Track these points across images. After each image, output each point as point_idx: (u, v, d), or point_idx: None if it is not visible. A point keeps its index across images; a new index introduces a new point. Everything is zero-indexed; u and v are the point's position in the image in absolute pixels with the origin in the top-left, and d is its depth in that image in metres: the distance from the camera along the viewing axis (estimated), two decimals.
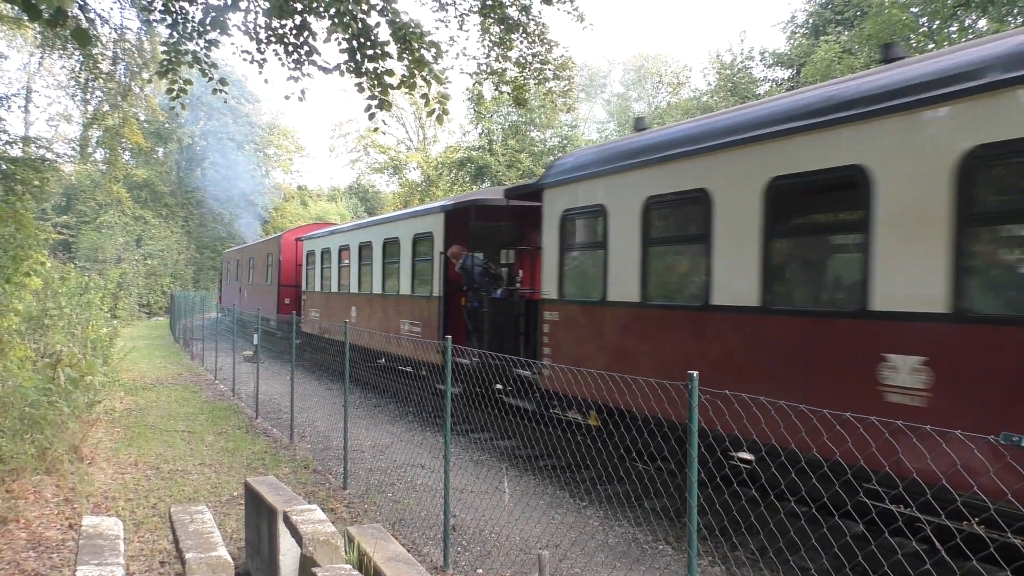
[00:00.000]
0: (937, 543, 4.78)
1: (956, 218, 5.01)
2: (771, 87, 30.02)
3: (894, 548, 5.42)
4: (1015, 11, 16.34)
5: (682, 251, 7.82)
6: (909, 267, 5.32)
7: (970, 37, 17.80)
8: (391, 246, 15.44)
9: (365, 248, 17.06)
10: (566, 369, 8.58)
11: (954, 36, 18.63)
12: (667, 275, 8.08)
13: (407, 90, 8.06)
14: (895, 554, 5.04)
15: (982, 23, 18.27)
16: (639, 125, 9.29)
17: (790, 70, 29.72)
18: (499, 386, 11.45)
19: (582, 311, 8.97)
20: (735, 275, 6.72)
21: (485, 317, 11.81)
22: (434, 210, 13.66)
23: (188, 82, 8.30)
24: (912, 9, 19.75)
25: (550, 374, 9.24)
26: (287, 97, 17.57)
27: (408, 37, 7.61)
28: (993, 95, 4.89)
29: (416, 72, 7.83)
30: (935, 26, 19.20)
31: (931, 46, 18.48)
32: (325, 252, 20.23)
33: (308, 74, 8.05)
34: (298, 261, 23.61)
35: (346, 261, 18.37)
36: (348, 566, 4.68)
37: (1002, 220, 5.17)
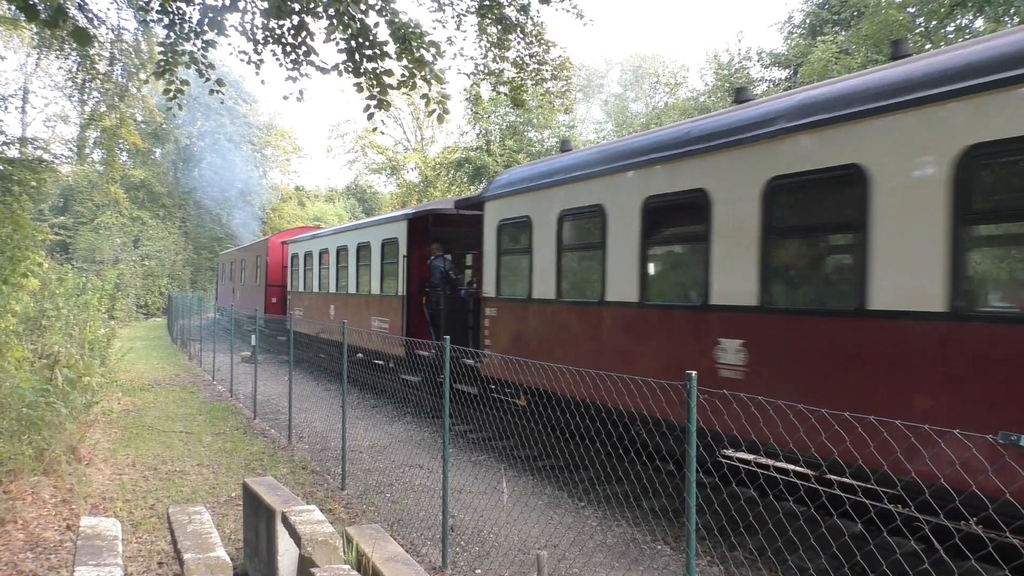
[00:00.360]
0: (936, 543, 4.79)
1: (762, 232, 6.43)
2: (768, 87, 30.05)
3: (892, 548, 5.43)
4: (1011, 11, 16.37)
5: (586, 256, 9.13)
6: (735, 273, 6.70)
7: (967, 37, 17.83)
8: (363, 250, 16.84)
9: (342, 251, 18.50)
10: (499, 357, 10.23)
11: (951, 36, 18.66)
12: (576, 276, 9.36)
13: (407, 90, 8.06)
14: (893, 553, 5.05)
15: (979, 23, 18.30)
16: (564, 147, 10.68)
17: (787, 70, 29.75)
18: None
19: (514, 307, 10.39)
20: (622, 277, 8.19)
21: (440, 313, 13.40)
22: (398, 218, 15.06)
23: (185, 83, 8.28)
24: (909, 9, 19.78)
25: (489, 362, 10.66)
26: (285, 97, 17.66)
27: (407, 37, 7.60)
28: (784, 138, 6.33)
29: (416, 72, 7.82)
30: (931, 26, 19.23)
31: (928, 46, 18.50)
32: (308, 255, 21.66)
33: (306, 74, 8.04)
34: (284, 263, 25.15)
35: (326, 264, 19.84)
36: (347, 566, 4.68)
37: (795, 234, 6.60)
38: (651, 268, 8.01)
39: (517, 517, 7.41)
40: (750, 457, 7.64)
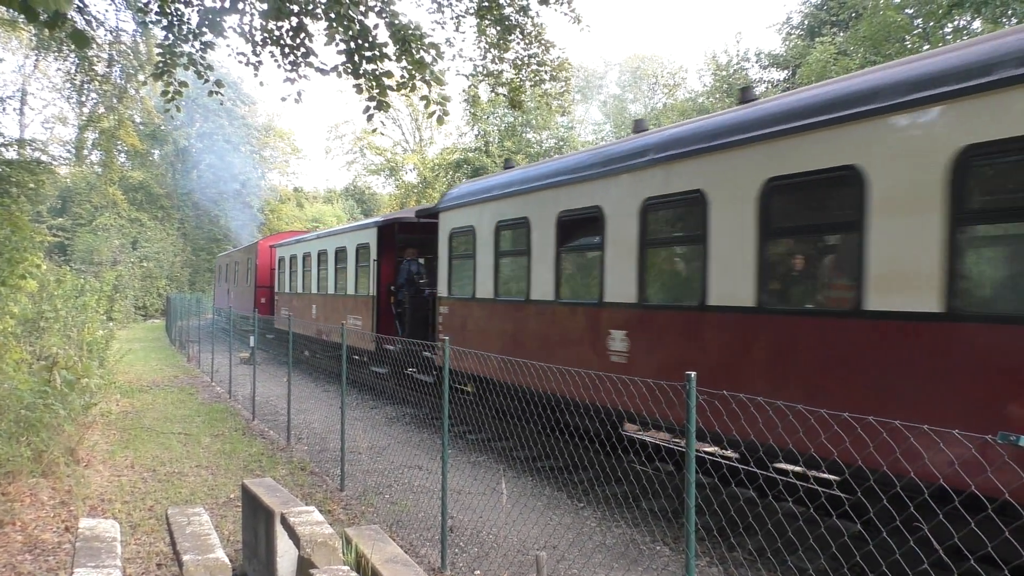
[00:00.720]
0: (935, 543, 4.79)
1: (639, 244, 7.89)
2: (767, 88, 30.06)
3: (892, 548, 5.43)
4: (1009, 12, 16.39)
5: (516, 262, 10.43)
6: (621, 276, 8.15)
7: (965, 38, 17.85)
8: (340, 253, 18.35)
9: (321, 255, 20.01)
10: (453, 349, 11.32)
11: (948, 37, 18.67)
12: (508, 278, 10.68)
13: (406, 92, 8.07)
14: (893, 554, 5.05)
15: (976, 24, 18.33)
16: (507, 164, 12.63)
17: (786, 71, 29.77)
18: (412, 369, 13.79)
19: (461, 305, 11.87)
20: (541, 279, 9.66)
21: (406, 312, 14.90)
22: (369, 225, 16.60)
23: (183, 84, 8.28)
24: (907, 10, 19.80)
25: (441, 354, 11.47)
26: (284, 99, 17.70)
27: (407, 39, 7.60)
28: (650, 168, 7.85)
29: (415, 74, 7.82)
30: (929, 27, 19.24)
31: (926, 47, 18.53)
32: (292, 258, 23.23)
33: (305, 76, 8.04)
34: (272, 265, 26.61)
35: (308, 266, 21.39)
36: (346, 567, 4.67)
37: (661, 245, 7.96)
38: (564, 271, 9.43)
39: (516, 518, 7.41)
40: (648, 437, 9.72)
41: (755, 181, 6.51)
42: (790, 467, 8.03)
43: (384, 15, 7.59)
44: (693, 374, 3.90)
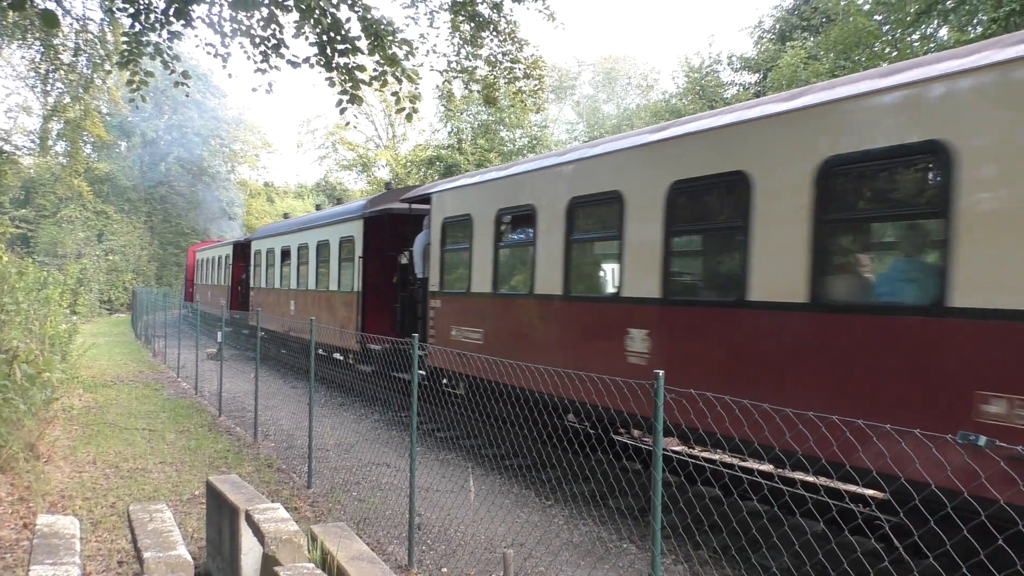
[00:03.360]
0: (896, 541, 4.87)
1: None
2: (739, 91, 30.34)
3: (853, 546, 5.51)
4: (975, 20, 16.70)
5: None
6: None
7: (931, 47, 18.17)
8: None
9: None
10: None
11: (916, 45, 18.99)
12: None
13: (379, 86, 8.02)
14: (854, 552, 5.12)
15: (943, 32, 18.65)
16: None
17: (757, 74, 30.06)
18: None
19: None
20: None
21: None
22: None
23: (149, 74, 8.15)
24: (876, 17, 20.10)
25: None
26: (254, 89, 17.47)
27: (379, 34, 7.55)
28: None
29: (388, 69, 7.78)
30: (898, 35, 19.55)
31: (894, 54, 18.82)
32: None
33: (276, 67, 7.95)
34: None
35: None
36: (311, 565, 4.63)
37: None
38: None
39: (484, 516, 7.40)
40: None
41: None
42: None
43: (356, 8, 7.53)
44: (661, 372, 3.92)
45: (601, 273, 8.84)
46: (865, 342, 5.36)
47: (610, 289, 8.25)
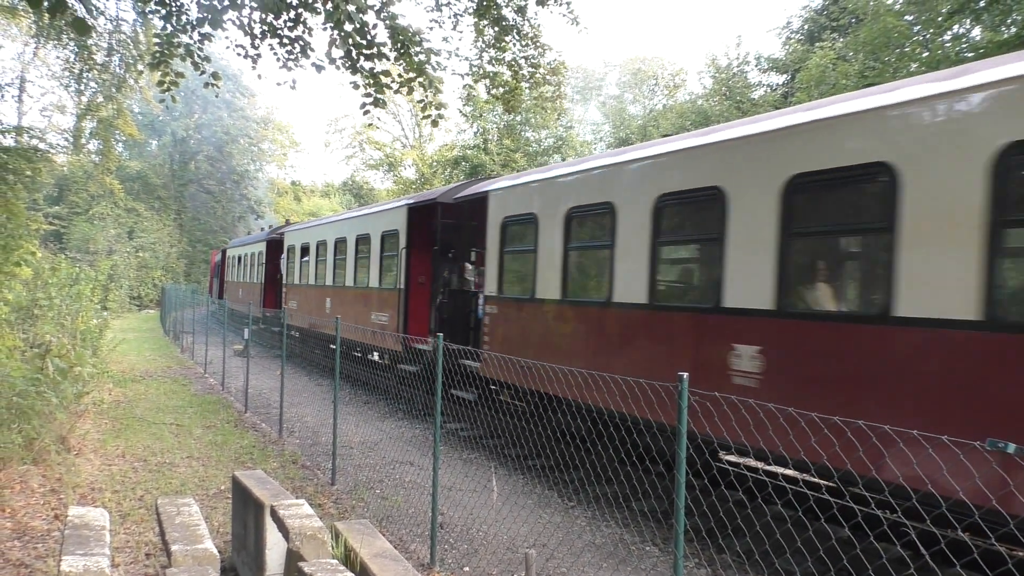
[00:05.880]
0: (922, 548, 4.81)
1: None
2: (766, 92, 30.08)
3: (879, 552, 5.45)
4: (1008, 21, 16.42)
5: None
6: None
7: (963, 47, 17.88)
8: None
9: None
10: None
11: (948, 45, 18.71)
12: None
13: (406, 93, 8.09)
14: (879, 558, 5.07)
15: (976, 32, 18.36)
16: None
17: (785, 75, 29.79)
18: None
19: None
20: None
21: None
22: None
23: (180, 75, 8.26)
24: (907, 17, 19.82)
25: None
26: (279, 84, 17.75)
27: (406, 43, 7.59)
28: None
29: (415, 76, 7.82)
30: (929, 35, 19.27)
31: (925, 54, 18.56)
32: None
33: (303, 66, 8.04)
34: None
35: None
36: (335, 561, 4.68)
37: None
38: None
39: (506, 515, 7.42)
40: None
41: None
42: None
43: (383, 16, 7.58)
44: (686, 375, 3.92)
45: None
46: None
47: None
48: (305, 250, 21.28)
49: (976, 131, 5.08)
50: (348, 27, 7.05)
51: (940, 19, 17.90)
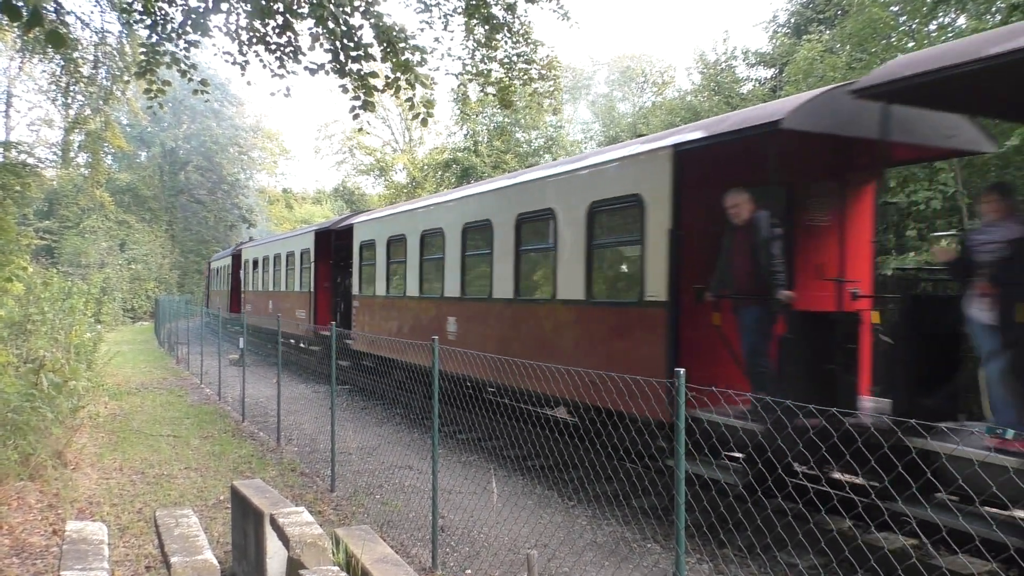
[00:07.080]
0: (923, 537, 4.82)
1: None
2: (754, 86, 30.12)
3: (881, 544, 5.45)
4: (993, 9, 16.46)
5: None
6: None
7: (949, 36, 17.94)
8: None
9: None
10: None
11: (934, 35, 18.76)
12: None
13: (392, 93, 8.06)
14: (881, 549, 5.07)
15: (961, 20, 18.42)
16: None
17: (773, 69, 29.85)
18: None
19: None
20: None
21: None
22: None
23: (166, 83, 8.24)
24: (892, 8, 19.87)
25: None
26: (272, 94, 17.85)
27: (392, 40, 7.58)
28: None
29: (401, 75, 7.81)
30: (915, 25, 19.31)
31: (911, 44, 18.60)
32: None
33: (293, 71, 8.02)
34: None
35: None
36: (336, 568, 4.66)
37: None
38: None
39: (507, 517, 7.40)
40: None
41: None
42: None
43: (369, 16, 7.56)
44: (682, 371, 3.91)
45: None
46: None
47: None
48: (256, 263, 27.08)
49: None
50: (332, 25, 7.03)
51: (925, 9, 17.96)
